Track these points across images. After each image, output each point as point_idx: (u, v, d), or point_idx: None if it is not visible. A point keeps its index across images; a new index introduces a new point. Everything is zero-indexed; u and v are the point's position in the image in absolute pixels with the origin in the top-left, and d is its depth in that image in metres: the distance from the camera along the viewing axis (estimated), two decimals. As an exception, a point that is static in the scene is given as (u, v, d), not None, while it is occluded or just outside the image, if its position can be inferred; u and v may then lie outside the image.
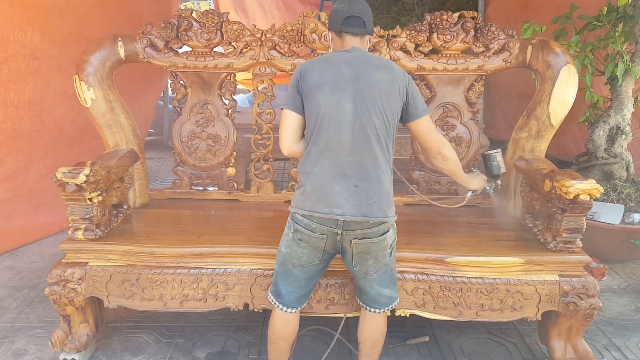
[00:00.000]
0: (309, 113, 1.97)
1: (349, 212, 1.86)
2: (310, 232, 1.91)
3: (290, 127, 2.02)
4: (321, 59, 2.04)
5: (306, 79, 1.97)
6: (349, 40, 2.05)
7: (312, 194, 1.90)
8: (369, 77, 1.94)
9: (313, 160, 1.93)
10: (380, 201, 1.90)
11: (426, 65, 2.75)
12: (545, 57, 2.55)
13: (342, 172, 1.89)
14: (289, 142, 2.02)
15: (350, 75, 1.93)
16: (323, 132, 1.91)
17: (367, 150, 1.90)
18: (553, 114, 2.56)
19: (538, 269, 2.27)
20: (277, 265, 2.07)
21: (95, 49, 2.61)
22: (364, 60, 1.98)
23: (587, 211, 2.21)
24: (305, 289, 2.08)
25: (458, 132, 2.86)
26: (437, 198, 2.89)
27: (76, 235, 2.32)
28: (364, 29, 2.03)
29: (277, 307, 2.08)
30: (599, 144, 3.49)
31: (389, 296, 2.08)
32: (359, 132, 1.89)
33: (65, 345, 2.38)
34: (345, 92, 1.91)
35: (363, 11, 2.04)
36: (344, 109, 1.91)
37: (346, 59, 1.98)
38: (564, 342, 2.37)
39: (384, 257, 1.98)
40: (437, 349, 2.59)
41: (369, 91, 1.92)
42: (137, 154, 2.78)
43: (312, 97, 1.95)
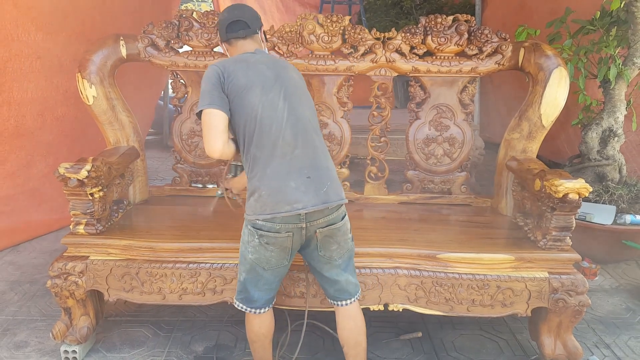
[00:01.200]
0: (242, 115, 1.96)
1: (310, 203, 1.89)
2: (276, 234, 1.92)
3: (220, 127, 1.92)
4: (236, 60, 2.04)
5: (232, 80, 1.96)
6: (240, 44, 2.12)
7: (269, 197, 1.90)
8: (287, 75, 2.05)
9: (262, 163, 1.93)
10: (334, 185, 1.97)
11: (421, 67, 2.81)
12: (537, 59, 2.60)
13: (293, 168, 1.92)
14: (220, 143, 1.92)
15: (272, 75, 2.01)
16: (265, 134, 1.93)
17: (309, 141, 1.97)
18: (544, 116, 2.62)
19: (528, 266, 2.31)
20: (243, 274, 2.05)
21: (97, 47, 2.67)
22: (273, 60, 2.09)
23: (576, 210, 2.25)
24: (276, 290, 2.11)
25: (451, 132, 2.91)
26: (430, 197, 2.96)
27: (77, 230, 2.37)
28: (248, 30, 2.10)
29: (249, 312, 2.09)
30: (592, 146, 3.54)
31: (354, 283, 2.13)
32: (297, 127, 1.96)
33: (66, 337, 2.43)
34: (274, 91, 1.98)
35: (243, 14, 2.12)
36: (278, 108, 1.96)
37: (259, 59, 2.04)
38: (554, 338, 2.41)
39: (346, 242, 2.05)
40: (430, 344, 2.64)
41: (292, 88, 2.02)
42: (138, 151, 2.84)
43: (243, 99, 1.95)
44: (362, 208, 2.91)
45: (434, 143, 2.93)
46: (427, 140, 2.93)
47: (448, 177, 2.97)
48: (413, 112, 2.94)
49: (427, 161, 2.96)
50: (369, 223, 2.72)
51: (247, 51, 2.10)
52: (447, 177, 2.97)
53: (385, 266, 2.34)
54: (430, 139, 2.93)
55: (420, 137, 2.94)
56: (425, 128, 2.93)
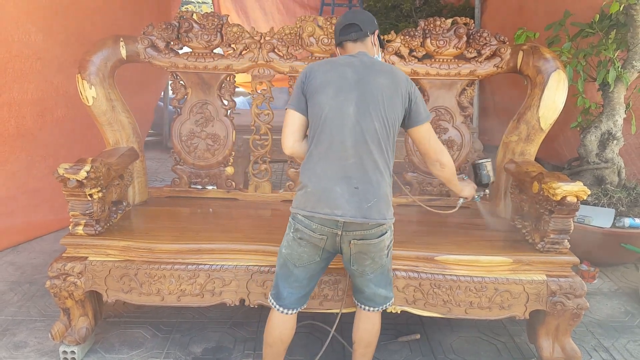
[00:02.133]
0: (312, 114, 2.00)
1: (349, 214, 1.88)
2: (311, 232, 1.94)
3: (293, 127, 2.04)
4: (327, 62, 2.09)
5: (311, 81, 2.00)
6: (350, 47, 2.12)
7: (314, 195, 1.92)
8: (372, 81, 1.97)
9: (315, 161, 1.96)
10: (379, 204, 1.92)
11: (420, 70, 2.81)
12: (536, 62, 2.61)
13: (343, 174, 1.91)
14: (291, 141, 2.04)
15: (354, 79, 1.97)
16: (325, 134, 1.94)
17: (367, 153, 1.93)
18: (543, 118, 2.62)
19: (526, 269, 2.32)
20: (277, 268, 2.09)
21: (97, 48, 2.68)
22: (369, 64, 2.02)
23: (574, 213, 2.26)
24: (306, 289, 2.10)
25: (450, 135, 2.91)
26: (429, 199, 2.96)
27: (76, 230, 2.38)
28: (359, 33, 2.09)
29: (276, 310, 2.09)
30: (591, 149, 3.54)
31: (384, 296, 2.12)
32: (360, 136, 1.92)
33: (65, 337, 2.43)
34: (349, 95, 1.95)
35: (356, 17, 2.13)
36: (346, 112, 1.94)
37: (350, 62, 2.03)
38: (552, 341, 2.41)
39: (381, 258, 2.02)
40: (428, 346, 2.64)
41: (371, 95, 1.95)
42: (137, 152, 2.84)
43: (315, 98, 1.98)
44: (361, 210, 2.91)
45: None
46: (426, 142, 2.93)
47: (447, 179, 2.96)
48: (412, 115, 2.94)
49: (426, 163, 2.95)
50: (367, 225, 2.72)
51: (351, 53, 2.09)
52: (446, 179, 2.96)
53: (384, 268, 2.34)
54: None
55: (419, 140, 2.94)
56: (426, 130, 2.93)
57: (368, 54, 2.09)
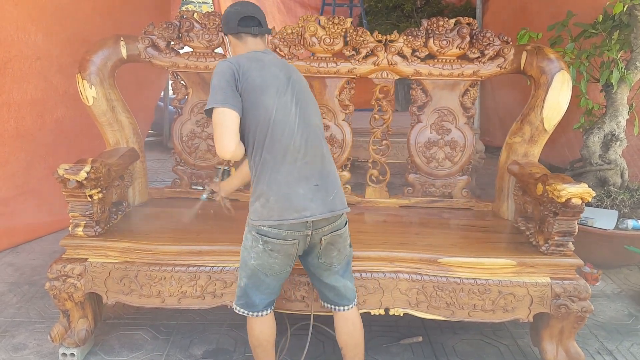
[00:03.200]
0: (255, 117, 1.90)
1: (317, 211, 1.88)
2: (282, 241, 1.90)
3: (234, 127, 1.86)
4: (250, 58, 1.97)
5: (247, 79, 1.90)
6: (250, 41, 2.05)
7: (277, 203, 1.87)
8: (297, 79, 2.02)
9: (271, 168, 1.89)
10: (339, 194, 1.97)
11: (422, 70, 2.80)
12: (540, 63, 2.59)
13: (302, 175, 1.90)
14: (233, 143, 1.85)
15: (285, 78, 1.97)
16: (277, 138, 1.89)
17: (317, 149, 1.96)
18: (546, 119, 2.61)
19: (530, 271, 2.30)
20: (244, 280, 2.03)
21: (98, 48, 2.66)
22: (283, 63, 2.05)
23: (579, 215, 2.24)
24: (278, 293, 2.10)
25: (453, 136, 2.90)
26: (431, 200, 2.94)
27: (76, 232, 2.36)
28: (261, 29, 2.05)
29: (251, 316, 2.07)
30: (594, 151, 3.52)
31: (352, 288, 2.13)
32: (307, 133, 1.94)
33: (65, 340, 2.41)
34: (287, 95, 1.94)
35: (257, 12, 2.06)
36: (291, 112, 1.93)
37: (272, 61, 2.00)
38: (556, 344, 2.39)
39: (345, 248, 2.05)
40: (430, 349, 2.62)
41: (302, 93, 2.00)
42: (138, 152, 2.82)
43: (257, 99, 1.90)
44: (363, 211, 2.89)
45: (436, 146, 2.92)
46: (428, 143, 2.92)
47: (449, 180, 2.95)
48: (414, 116, 2.93)
49: (428, 165, 2.94)
50: (369, 227, 2.71)
51: (257, 50, 2.04)
52: (449, 180, 2.95)
53: (386, 270, 2.33)
54: (432, 143, 2.92)
55: (421, 141, 2.93)
56: (427, 131, 2.92)
57: (271, 51, 2.10)
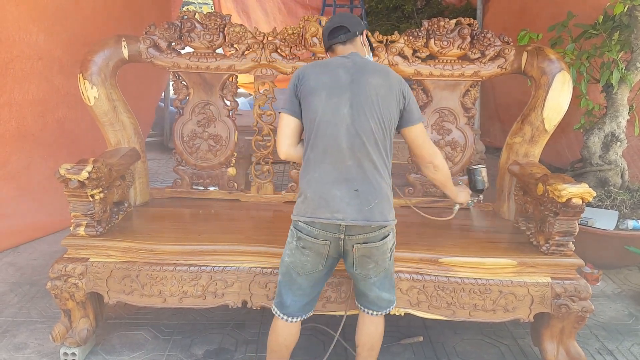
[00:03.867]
0: (306, 118, 1.97)
1: (351, 217, 1.86)
2: (313, 239, 1.91)
3: (287, 131, 2.03)
4: (319, 63, 2.07)
5: (304, 83, 1.98)
6: (340, 49, 2.10)
7: (313, 201, 1.90)
8: (365, 81, 1.94)
9: (312, 166, 1.93)
10: (381, 205, 1.90)
11: (423, 71, 2.80)
12: (540, 63, 2.60)
13: (341, 177, 1.89)
14: (285, 145, 2.04)
15: (347, 80, 1.95)
16: (320, 138, 1.92)
17: (364, 154, 1.90)
18: (547, 120, 2.61)
19: (530, 271, 2.30)
20: (280, 276, 2.06)
21: (99, 48, 2.66)
22: (362, 65, 2.00)
23: (579, 215, 2.24)
24: (310, 296, 2.06)
25: (453, 136, 2.90)
26: (432, 201, 2.95)
27: (78, 231, 2.36)
28: (348, 34, 2.08)
29: (280, 318, 2.06)
30: (594, 151, 3.53)
31: (387, 299, 2.10)
32: (356, 137, 1.90)
33: (66, 339, 2.41)
34: (342, 97, 1.92)
35: (343, 20, 2.12)
36: (341, 113, 1.91)
37: (343, 63, 2.01)
38: (557, 344, 2.40)
39: (384, 262, 2.00)
40: (431, 349, 2.63)
41: (365, 96, 1.92)
42: (139, 152, 2.83)
43: (309, 101, 1.95)
44: (364, 211, 2.89)
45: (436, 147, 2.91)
46: (429, 143, 2.92)
47: (450, 180, 2.95)
48: (415, 116, 2.93)
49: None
50: (370, 226, 2.70)
51: (342, 55, 2.07)
52: (449, 180, 2.95)
53: (387, 270, 2.32)
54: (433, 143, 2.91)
55: (422, 141, 2.93)
56: (428, 132, 2.91)
57: (360, 54, 2.08)
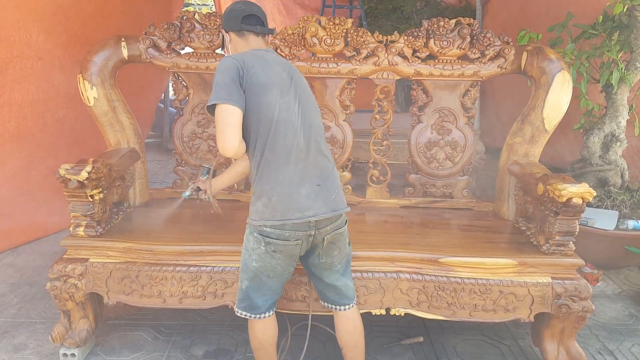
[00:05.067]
0: (257, 115, 1.88)
1: (320, 211, 1.89)
2: (284, 242, 1.90)
3: (237, 125, 1.83)
4: (255, 56, 1.95)
5: (251, 77, 1.88)
6: (252, 39, 2.04)
7: (280, 203, 1.87)
8: (299, 79, 2.02)
9: (274, 168, 1.89)
10: (340, 193, 1.99)
11: (423, 71, 2.80)
12: (540, 63, 2.60)
13: (304, 175, 1.91)
14: (237, 141, 1.83)
15: (288, 77, 1.97)
16: (280, 138, 1.88)
17: (317, 149, 1.96)
18: (547, 120, 2.61)
19: (531, 271, 2.30)
20: (246, 282, 2.01)
21: (99, 49, 2.66)
22: (286, 62, 2.05)
23: (579, 214, 2.24)
24: (280, 293, 2.10)
25: (453, 136, 2.90)
26: (432, 201, 2.95)
27: (77, 232, 2.36)
28: (264, 28, 2.05)
29: (254, 318, 2.06)
30: (594, 151, 3.53)
31: (352, 287, 2.14)
32: (309, 134, 1.94)
33: (65, 340, 2.41)
34: (290, 95, 1.94)
35: (260, 11, 2.07)
36: (293, 112, 1.93)
37: (275, 59, 1.99)
38: (557, 344, 2.40)
39: (345, 247, 2.06)
40: (431, 349, 2.62)
41: (305, 93, 2.01)
42: (138, 153, 2.82)
43: (261, 97, 1.88)
44: (364, 212, 2.89)
45: (436, 147, 2.92)
46: (429, 144, 2.93)
47: (450, 181, 2.96)
48: (415, 116, 2.94)
49: (429, 165, 2.95)
50: (370, 227, 2.71)
51: (259, 48, 2.03)
52: (449, 181, 2.96)
53: (387, 270, 2.33)
54: (432, 143, 2.92)
55: (422, 141, 2.93)
56: (428, 132, 2.92)
57: (273, 50, 2.11)
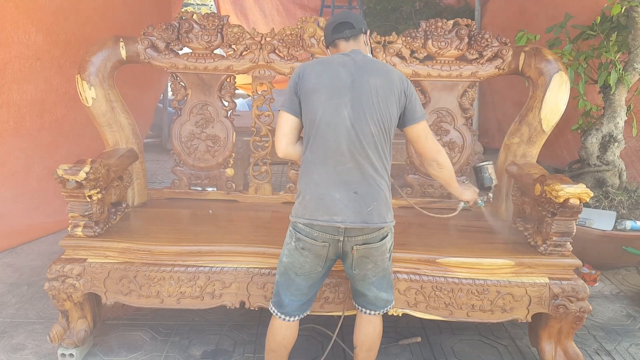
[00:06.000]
0: (306, 117, 1.96)
1: (349, 219, 1.86)
2: (312, 241, 1.91)
3: (285, 129, 2.01)
4: (320, 61, 2.04)
5: (304, 82, 1.96)
6: (342, 46, 2.07)
7: (311, 202, 1.89)
8: (366, 82, 1.93)
9: (311, 167, 1.93)
10: (379, 207, 1.91)
11: (421, 71, 2.80)
12: (538, 64, 2.60)
13: (341, 179, 1.89)
14: (284, 144, 2.02)
15: (348, 80, 1.93)
16: (320, 139, 1.91)
17: (364, 157, 1.90)
18: (545, 120, 2.61)
19: (528, 272, 2.31)
20: (278, 276, 2.06)
21: (97, 49, 2.66)
22: (362, 64, 1.98)
23: (577, 215, 2.25)
24: (308, 296, 2.07)
25: (451, 137, 2.90)
26: (430, 202, 2.95)
27: (75, 232, 2.36)
28: (353, 30, 2.05)
29: (278, 317, 2.06)
30: (592, 152, 3.53)
31: (385, 299, 2.10)
32: (356, 139, 1.89)
33: (63, 340, 2.41)
34: (343, 98, 1.91)
35: (348, 16, 2.09)
36: (341, 115, 1.90)
37: (344, 62, 1.98)
38: (554, 344, 2.40)
39: (382, 262, 2.00)
40: (429, 349, 2.63)
41: (366, 97, 1.91)
42: (137, 153, 2.83)
43: (309, 101, 1.94)
44: (362, 212, 2.89)
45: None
46: (427, 144, 2.92)
47: (448, 181, 2.95)
48: (413, 116, 2.93)
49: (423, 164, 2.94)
50: (368, 227, 2.71)
51: (345, 52, 2.05)
52: (447, 181, 2.95)
53: (385, 270, 2.33)
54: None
55: (420, 142, 2.93)
56: (426, 132, 2.92)
57: (362, 51, 2.06)
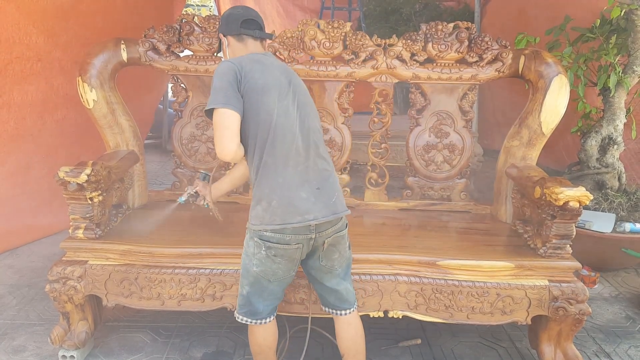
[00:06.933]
0: (256, 119, 1.89)
1: (320, 215, 1.89)
2: (285, 246, 1.89)
3: (235, 129, 1.85)
4: (253, 60, 1.96)
5: (249, 80, 1.88)
6: (251, 44, 2.05)
7: (280, 207, 1.87)
8: (298, 82, 2.02)
9: (274, 172, 1.89)
10: (340, 196, 1.99)
11: (421, 74, 2.81)
12: (538, 67, 2.61)
13: (304, 179, 1.91)
14: (235, 145, 1.84)
15: (286, 81, 1.97)
16: (279, 142, 1.89)
17: (316, 153, 1.97)
18: (544, 123, 2.62)
19: (528, 274, 2.31)
20: (247, 287, 2.01)
21: (98, 51, 2.67)
22: (284, 66, 2.05)
23: (576, 218, 2.25)
24: (281, 298, 2.09)
25: (451, 139, 2.91)
26: (430, 203, 2.96)
27: (76, 234, 2.36)
28: (263, 32, 2.06)
29: (254, 324, 2.05)
30: (591, 154, 3.54)
31: (353, 291, 2.14)
32: (307, 137, 1.95)
33: (64, 342, 2.41)
34: (288, 99, 1.94)
35: (258, 16, 2.08)
36: (292, 116, 1.93)
37: (273, 63, 2.00)
38: (554, 346, 2.41)
39: (345, 251, 2.06)
40: (429, 351, 2.63)
41: (303, 97, 2.00)
42: (138, 155, 2.83)
43: (259, 102, 1.88)
44: (362, 214, 2.91)
45: (434, 150, 2.93)
46: (427, 146, 2.94)
47: (448, 183, 2.97)
48: (413, 119, 2.95)
49: (427, 168, 2.96)
50: (369, 229, 2.72)
51: (257, 52, 2.04)
52: (447, 183, 2.97)
53: (385, 273, 2.34)
54: (431, 146, 2.93)
55: (420, 144, 2.94)
56: (426, 135, 2.93)
57: (271, 54, 2.12)
